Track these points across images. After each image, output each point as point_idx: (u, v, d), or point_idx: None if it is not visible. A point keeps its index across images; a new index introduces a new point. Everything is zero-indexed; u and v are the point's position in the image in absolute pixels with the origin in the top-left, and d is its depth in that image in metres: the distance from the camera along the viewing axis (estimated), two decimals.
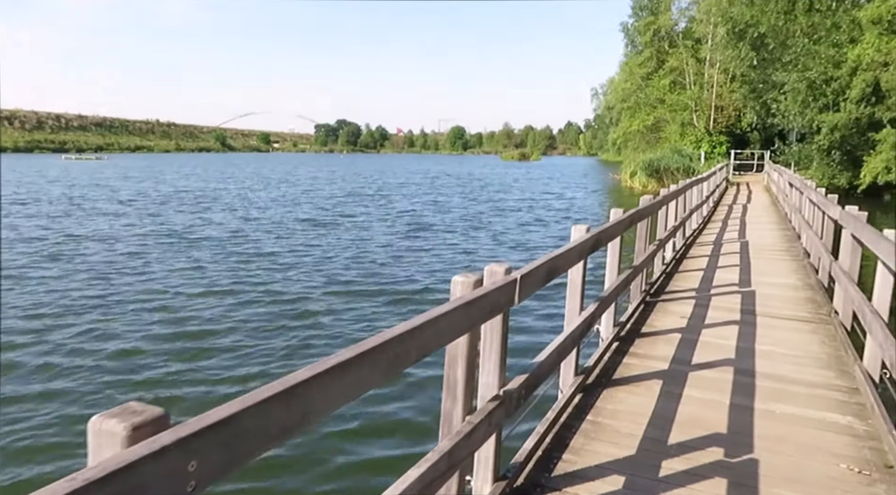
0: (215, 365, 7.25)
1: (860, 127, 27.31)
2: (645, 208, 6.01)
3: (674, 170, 32.59)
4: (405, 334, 1.68)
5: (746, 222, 14.92)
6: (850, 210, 6.21)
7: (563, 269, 3.32)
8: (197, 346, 7.86)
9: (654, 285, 7.50)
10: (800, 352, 5.19)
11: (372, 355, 1.52)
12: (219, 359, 7.44)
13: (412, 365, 1.84)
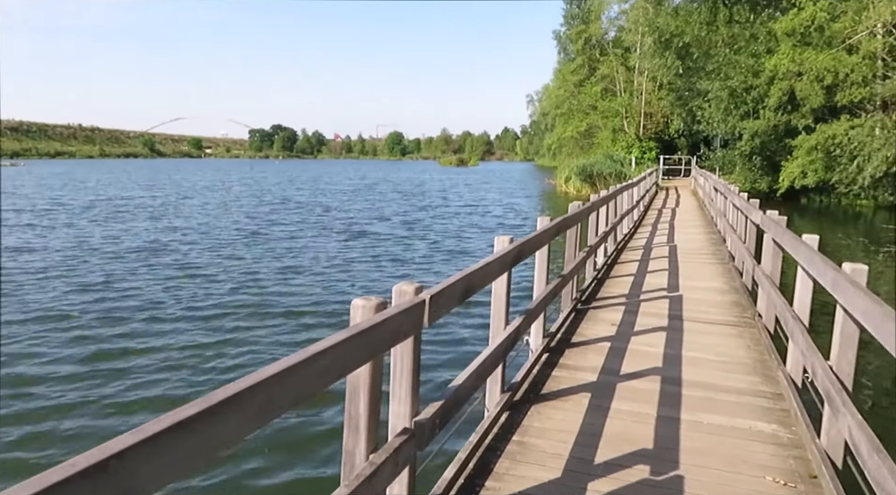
0: (107, 394, 6.64)
1: (778, 133, 28.65)
2: (572, 216, 5.92)
3: (606, 175, 33.32)
4: (272, 378, 1.42)
5: (675, 226, 15.27)
6: (770, 214, 6.31)
7: (483, 285, 3.13)
8: (88, 373, 7.26)
9: (585, 292, 7.46)
10: (726, 357, 5.19)
11: (223, 409, 1.26)
12: (109, 387, 6.83)
13: (289, 410, 1.59)
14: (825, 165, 26.17)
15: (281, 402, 1.48)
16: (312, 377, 1.63)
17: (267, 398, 1.41)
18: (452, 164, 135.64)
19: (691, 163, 37.21)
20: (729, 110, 29.97)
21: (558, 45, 52.39)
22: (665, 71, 34.78)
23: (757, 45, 29.09)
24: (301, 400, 1.65)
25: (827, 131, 25.80)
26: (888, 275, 13.10)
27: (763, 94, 28.36)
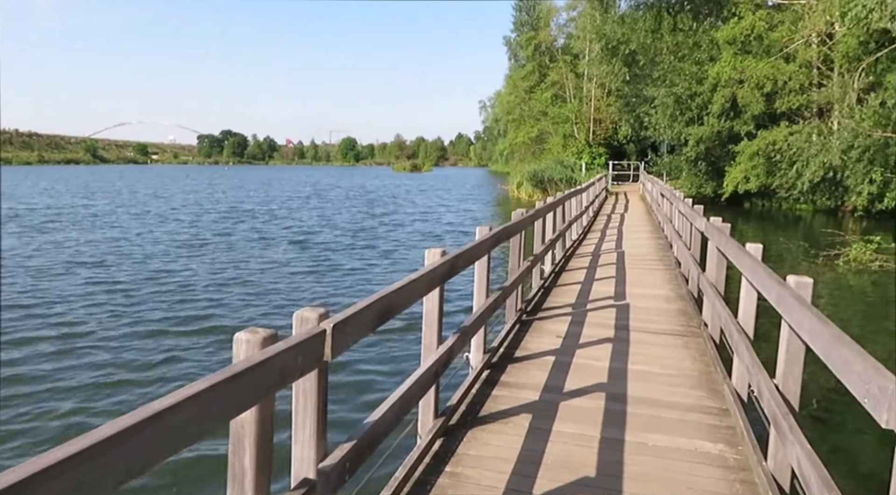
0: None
1: (721, 139, 29.35)
2: (514, 224, 5.69)
3: (557, 180, 33.56)
4: (82, 454, 1.09)
5: (623, 232, 15.31)
6: (714, 221, 6.22)
7: (407, 304, 2.83)
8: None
9: (531, 302, 7.25)
10: (672, 370, 5.03)
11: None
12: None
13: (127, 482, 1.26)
14: (766, 171, 26.91)
15: (102, 484, 1.15)
16: (157, 441, 1.30)
17: (73, 483, 1.08)
18: (406, 170, 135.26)
19: (640, 169, 37.85)
20: (674, 116, 30.57)
21: (509, 52, 52.82)
22: (613, 77, 35.29)
23: (700, 53, 29.77)
24: (148, 468, 1.32)
25: (768, 137, 26.54)
26: (827, 278, 13.39)
27: (707, 101, 29.02)
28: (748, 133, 27.90)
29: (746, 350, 3.68)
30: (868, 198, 23.72)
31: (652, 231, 15.33)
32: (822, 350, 2.18)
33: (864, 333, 9.40)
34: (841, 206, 26.41)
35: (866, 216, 24.68)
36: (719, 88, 28.20)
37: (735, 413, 4.03)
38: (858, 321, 10.31)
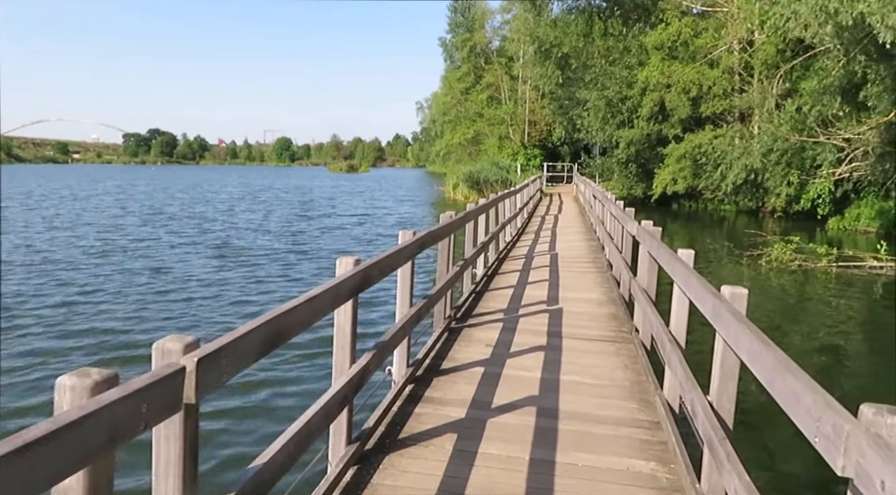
0: None
1: (651, 142, 30.10)
2: (441, 228, 5.39)
3: (493, 181, 33.64)
4: None
5: (557, 233, 15.32)
6: (645, 225, 6.11)
7: (305, 325, 2.47)
8: None
9: (461, 308, 6.98)
10: (604, 380, 4.85)
11: None
12: None
13: None
14: (693, 173, 27.76)
15: None
16: None
17: None
18: (343, 171, 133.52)
19: (573, 171, 38.44)
20: (606, 119, 31.15)
21: (444, 53, 52.75)
22: (546, 80, 35.71)
23: (630, 58, 30.45)
24: None
25: (694, 140, 27.38)
26: (750, 277, 13.76)
27: (637, 105, 29.70)
28: (676, 136, 28.72)
29: (679, 363, 3.50)
30: (786, 199, 24.79)
31: (585, 233, 15.40)
32: (763, 375, 1.97)
33: (786, 331, 9.62)
34: (761, 207, 27.53)
35: (784, 217, 25.79)
36: (648, 92, 28.92)
37: (667, 426, 3.86)
38: (780, 319, 10.57)
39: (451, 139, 48.03)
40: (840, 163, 21.14)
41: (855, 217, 22.07)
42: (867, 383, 7.76)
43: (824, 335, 9.74)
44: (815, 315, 11.12)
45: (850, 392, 7.43)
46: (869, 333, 10.19)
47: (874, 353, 9.09)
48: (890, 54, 14.63)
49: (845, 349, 9.23)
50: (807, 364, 8.20)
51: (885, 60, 15.61)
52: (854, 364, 8.65)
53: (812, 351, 8.89)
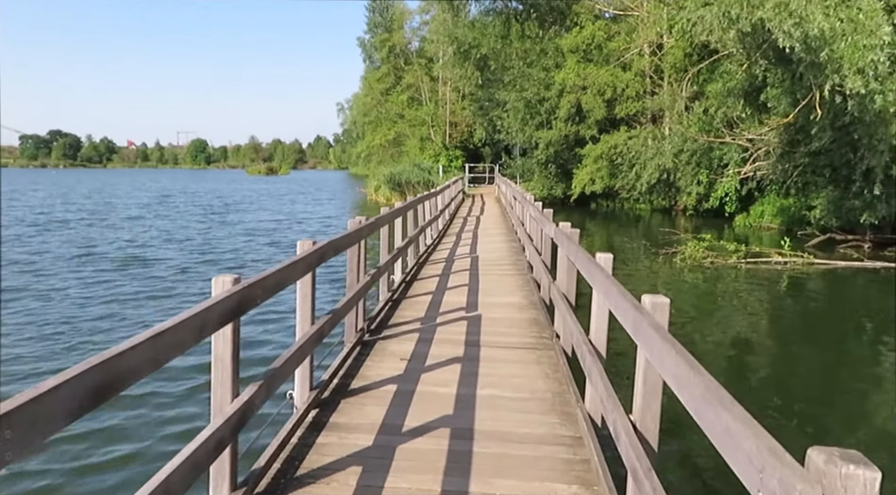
0: None
1: (569, 143, 30.64)
2: (346, 236, 4.97)
3: (414, 183, 33.34)
4: None
5: (478, 235, 15.16)
6: (563, 227, 5.92)
7: (155, 366, 2.01)
8: None
9: (375, 319, 6.58)
10: (525, 392, 4.58)
11: None
12: None
13: None
14: (610, 173, 28.43)
15: None
16: None
17: None
18: (262, 173, 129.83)
19: (495, 171, 38.69)
20: (525, 120, 31.47)
21: (364, 53, 52.01)
22: (466, 81, 35.78)
23: (547, 60, 30.90)
24: None
25: (609, 141, 28.06)
26: (666, 274, 14.06)
27: (555, 106, 30.16)
28: (593, 137, 29.35)
29: (600, 377, 3.25)
30: (696, 197, 25.77)
31: (506, 234, 15.32)
32: (692, 405, 1.71)
33: (702, 326, 9.79)
34: (674, 206, 28.54)
35: (695, 214, 26.82)
36: (565, 94, 29.41)
37: (589, 443, 3.61)
38: (695, 314, 10.78)
39: (372, 140, 47.39)
40: (745, 163, 22.11)
41: (759, 214, 23.17)
42: (778, 372, 8.09)
43: (737, 328, 10.05)
44: (728, 309, 11.46)
45: (763, 379, 7.83)
46: (777, 324, 10.58)
47: (786, 344, 9.44)
48: (788, 58, 15.32)
49: (757, 340, 9.56)
50: (723, 355, 8.39)
51: (784, 64, 16.35)
52: (765, 354, 8.95)
53: (727, 344, 9.13)
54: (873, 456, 4.26)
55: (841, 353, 8.87)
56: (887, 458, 5.61)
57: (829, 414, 6.68)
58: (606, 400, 2.99)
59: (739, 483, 1.45)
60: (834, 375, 7.93)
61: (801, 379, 7.82)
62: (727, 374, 7.79)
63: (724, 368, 8.02)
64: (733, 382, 7.51)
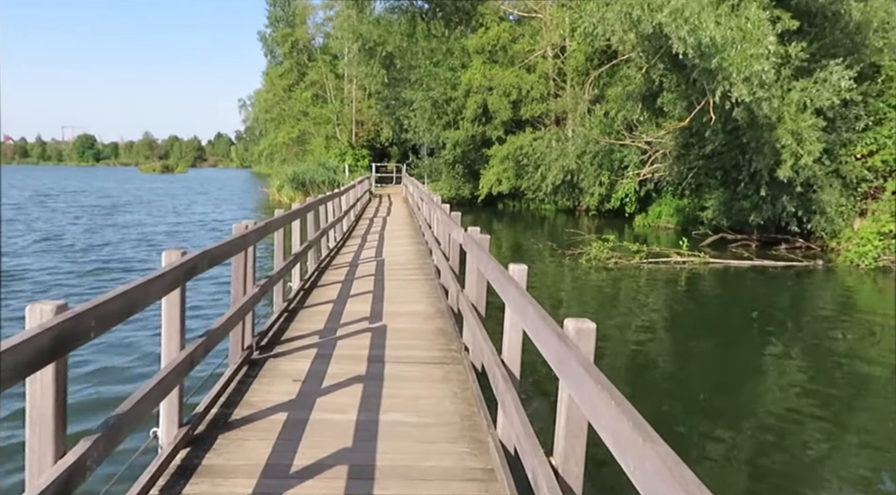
0: None
1: (476, 143, 30.68)
2: (223, 246, 4.31)
3: (319, 182, 32.31)
4: None
5: (385, 237, 14.66)
6: (472, 233, 5.54)
7: None
8: None
9: (267, 333, 5.95)
10: (431, 416, 4.15)
11: None
12: None
13: None
14: (516, 173, 28.70)
15: None
16: None
17: None
18: (156, 171, 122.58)
19: (402, 171, 38.24)
20: (432, 120, 31.24)
21: (265, 48, 50.02)
22: (372, 79, 35.06)
23: (453, 60, 30.80)
24: None
25: (515, 142, 28.30)
26: (573, 275, 14.15)
27: (461, 106, 30.10)
28: (499, 138, 29.52)
29: (515, 409, 2.87)
30: (598, 198, 26.45)
31: (413, 236, 14.90)
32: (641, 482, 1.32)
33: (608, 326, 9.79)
34: (577, 206, 29.20)
35: (598, 215, 27.55)
36: (472, 94, 29.41)
37: (502, 478, 3.23)
38: (601, 315, 10.83)
39: (275, 138, 45.65)
40: (643, 165, 22.88)
41: (657, 214, 24.06)
42: (677, 365, 8.51)
43: (639, 326, 10.33)
44: (631, 308, 11.69)
45: (664, 373, 8.19)
46: (676, 321, 10.90)
47: (684, 340, 9.76)
48: (682, 64, 15.86)
49: (658, 337, 9.83)
50: (629, 351, 8.49)
51: (679, 70, 16.95)
52: (665, 348, 9.30)
53: (631, 341, 9.32)
54: (762, 436, 4.26)
55: (732, 346, 9.34)
56: (774, 438, 6.00)
57: (721, 399, 7.04)
58: (524, 439, 2.60)
59: None
60: (726, 366, 8.30)
61: (698, 370, 8.21)
62: (630, 370, 8.04)
63: (626, 365, 8.20)
64: (636, 377, 7.83)
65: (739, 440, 6.04)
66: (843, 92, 15.10)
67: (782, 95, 15.24)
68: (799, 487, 5.26)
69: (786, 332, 10.21)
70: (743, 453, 5.81)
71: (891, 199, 15.85)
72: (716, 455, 5.75)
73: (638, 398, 6.71)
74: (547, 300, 11.38)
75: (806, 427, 6.35)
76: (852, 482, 5.32)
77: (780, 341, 9.63)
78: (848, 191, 16.92)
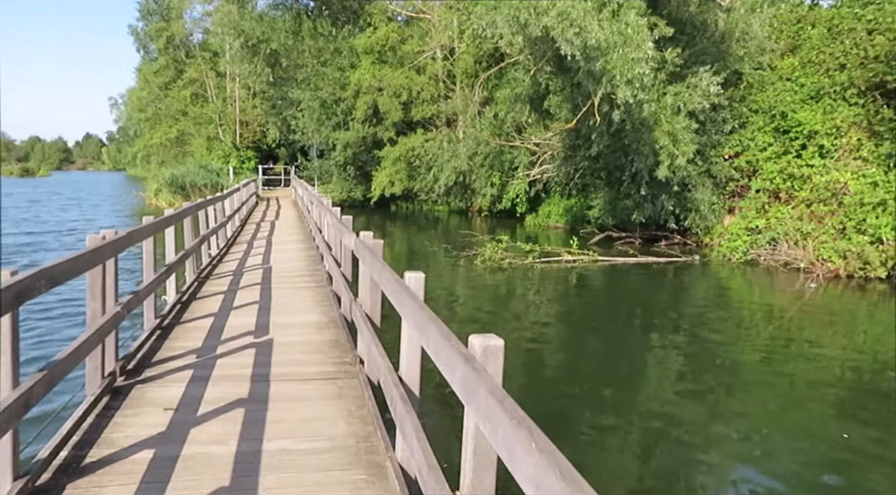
0: None
1: (367, 145, 30.21)
2: (72, 260, 3.69)
3: (201, 186, 30.51)
4: None
5: (273, 242, 13.92)
6: (365, 238, 5.19)
7: None
8: None
9: (135, 355, 5.29)
10: (323, 440, 3.76)
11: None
12: None
13: None
14: (408, 175, 28.52)
15: None
16: None
17: None
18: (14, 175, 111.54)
19: (291, 173, 36.97)
20: (321, 121, 30.43)
21: (137, 43, 46.65)
22: (256, 78, 33.49)
23: (342, 59, 30.16)
24: None
25: (407, 144, 28.12)
26: (468, 276, 14.10)
27: (351, 107, 29.52)
28: (390, 139, 29.21)
29: (416, 435, 2.56)
30: (490, 199, 26.80)
31: (303, 240, 14.26)
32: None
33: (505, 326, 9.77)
34: (470, 207, 29.46)
35: (490, 215, 27.92)
36: (361, 95, 28.91)
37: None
38: (493, 315, 10.83)
39: (151, 139, 42.67)
40: (533, 166, 23.38)
41: (546, 214, 24.69)
42: (568, 359, 8.79)
43: (532, 324, 10.49)
44: (526, 307, 11.81)
45: (555, 367, 8.42)
46: (567, 318, 11.18)
47: (574, 335, 10.04)
48: (568, 67, 16.30)
49: (551, 334, 10.02)
50: (524, 349, 8.53)
51: (564, 73, 17.41)
52: (557, 344, 9.55)
53: (525, 339, 9.41)
54: (647, 423, 4.28)
55: (621, 339, 9.73)
56: (661, 425, 6.28)
57: (612, 390, 7.32)
58: (426, 472, 2.30)
59: None
60: (616, 359, 8.62)
61: (590, 364, 8.50)
62: (526, 367, 8.08)
63: (523, 362, 8.30)
64: (531, 373, 7.92)
65: (630, 428, 6.26)
66: (713, 96, 16.12)
67: (658, 99, 16.02)
68: (686, 470, 5.49)
69: (668, 323, 10.68)
70: (633, 440, 6.03)
71: (755, 197, 17.11)
72: (610, 445, 5.88)
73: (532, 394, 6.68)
74: (443, 303, 11.22)
75: (688, 411, 6.71)
76: (734, 458, 5.67)
77: (664, 332, 10.07)
78: (718, 190, 18.10)
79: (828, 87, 16.68)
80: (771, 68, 18.41)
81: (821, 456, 5.73)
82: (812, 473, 5.40)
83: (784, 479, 5.22)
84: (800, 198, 15.96)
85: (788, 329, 10.36)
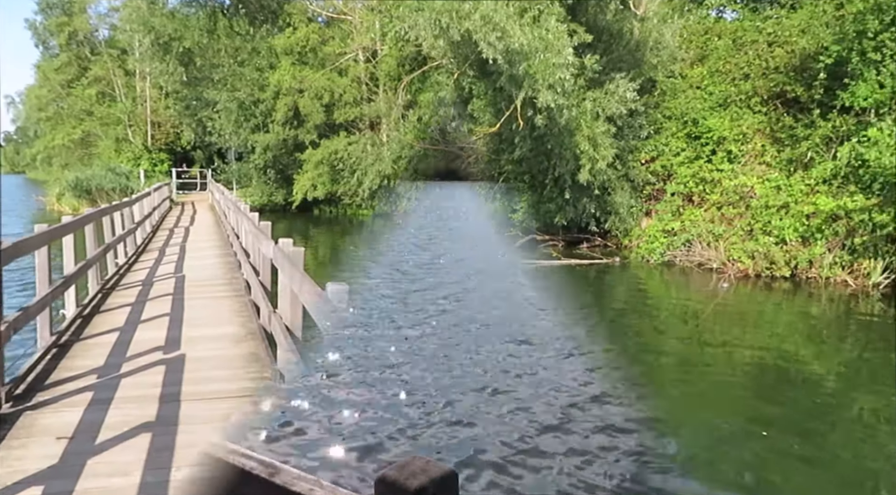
0: None
1: (288, 147, 29.42)
2: None
3: (109, 190, 28.80)
4: None
5: (187, 249, 13.22)
6: (284, 245, 4.90)
7: None
8: None
9: (25, 378, 4.78)
10: None
11: None
12: None
13: None
14: (332, 178, 27.96)
15: None
16: None
17: None
18: None
19: (207, 177, 35.52)
20: (239, 123, 29.42)
21: (35, 37, 43.60)
22: (168, 77, 31.99)
23: (260, 60, 29.25)
24: None
25: (330, 147, 27.57)
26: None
27: (271, 108, 28.68)
28: (312, 142, 28.56)
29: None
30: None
31: (220, 247, 13.62)
32: None
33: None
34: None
35: None
36: (281, 96, 28.14)
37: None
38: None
39: (53, 140, 39.94)
40: None
41: None
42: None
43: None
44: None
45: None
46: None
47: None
48: (491, 72, 16.38)
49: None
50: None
51: (487, 77, 17.50)
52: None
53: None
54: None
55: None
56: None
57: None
58: None
59: None
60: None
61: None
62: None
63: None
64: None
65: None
66: (629, 102, 16.62)
67: (578, 104, 16.37)
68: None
69: (591, 322, 10.85)
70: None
71: (670, 200, 17.77)
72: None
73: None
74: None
75: (611, 406, 6.71)
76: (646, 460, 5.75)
77: (587, 331, 10.19)
78: (636, 193, 18.68)
79: (734, 96, 17.55)
80: (682, 77, 19.21)
81: (727, 451, 5.93)
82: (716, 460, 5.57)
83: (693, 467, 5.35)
84: (711, 201, 16.68)
85: (702, 329, 10.77)
